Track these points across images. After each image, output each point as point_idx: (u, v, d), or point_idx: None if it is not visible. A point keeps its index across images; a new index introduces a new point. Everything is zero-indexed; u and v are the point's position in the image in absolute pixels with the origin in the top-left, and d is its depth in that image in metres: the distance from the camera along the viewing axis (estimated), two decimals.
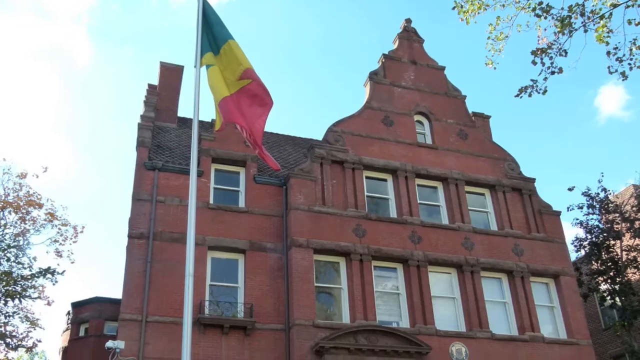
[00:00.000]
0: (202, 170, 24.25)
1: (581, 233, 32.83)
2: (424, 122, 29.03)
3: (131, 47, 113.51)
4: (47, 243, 25.84)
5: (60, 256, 26.04)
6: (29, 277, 24.68)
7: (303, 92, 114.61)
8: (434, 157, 27.65)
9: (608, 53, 14.70)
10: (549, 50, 14.70)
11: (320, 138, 27.28)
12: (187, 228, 9.76)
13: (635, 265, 30.41)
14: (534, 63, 14.87)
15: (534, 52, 14.85)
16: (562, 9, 14.21)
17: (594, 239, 31.31)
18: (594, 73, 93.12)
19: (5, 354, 24.96)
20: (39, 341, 26.30)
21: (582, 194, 32.04)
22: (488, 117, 32.64)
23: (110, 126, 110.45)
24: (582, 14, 14.01)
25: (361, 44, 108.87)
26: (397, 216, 25.60)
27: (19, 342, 24.72)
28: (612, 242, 30.97)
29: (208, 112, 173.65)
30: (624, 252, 30.67)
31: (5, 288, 23.95)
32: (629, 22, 14.20)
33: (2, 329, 24.30)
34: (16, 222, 24.98)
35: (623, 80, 14.77)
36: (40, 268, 24.85)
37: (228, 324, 21.52)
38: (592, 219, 31.95)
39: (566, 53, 14.60)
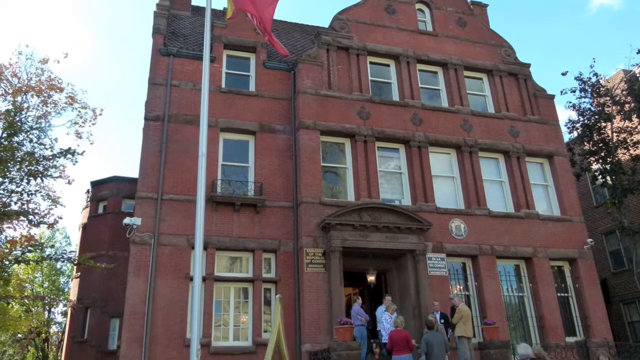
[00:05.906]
0: (215, 56, 24.68)
1: (574, 115, 33.78)
2: (425, 10, 29.37)
3: None
4: (67, 125, 26.19)
5: (80, 137, 26.37)
6: (50, 157, 24.98)
7: None
8: (434, 44, 28.12)
9: None
10: None
11: (326, 26, 27.70)
12: (201, 110, 10.64)
13: (625, 146, 31.17)
14: None
15: None
16: None
17: (586, 121, 31.96)
18: None
19: (28, 230, 24.96)
20: (60, 218, 26.76)
21: (575, 78, 32.58)
22: (485, 5, 32.73)
23: (127, 14, 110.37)
24: None
25: None
26: (399, 99, 26.18)
27: (41, 219, 24.83)
28: (603, 124, 31.63)
29: (220, 1, 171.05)
30: (615, 134, 31.38)
31: (28, 168, 24.33)
32: None
33: (25, 206, 24.45)
34: (38, 105, 25.31)
35: None
36: (61, 149, 25.15)
37: (239, 202, 22.21)
38: (584, 102, 32.54)
39: None
